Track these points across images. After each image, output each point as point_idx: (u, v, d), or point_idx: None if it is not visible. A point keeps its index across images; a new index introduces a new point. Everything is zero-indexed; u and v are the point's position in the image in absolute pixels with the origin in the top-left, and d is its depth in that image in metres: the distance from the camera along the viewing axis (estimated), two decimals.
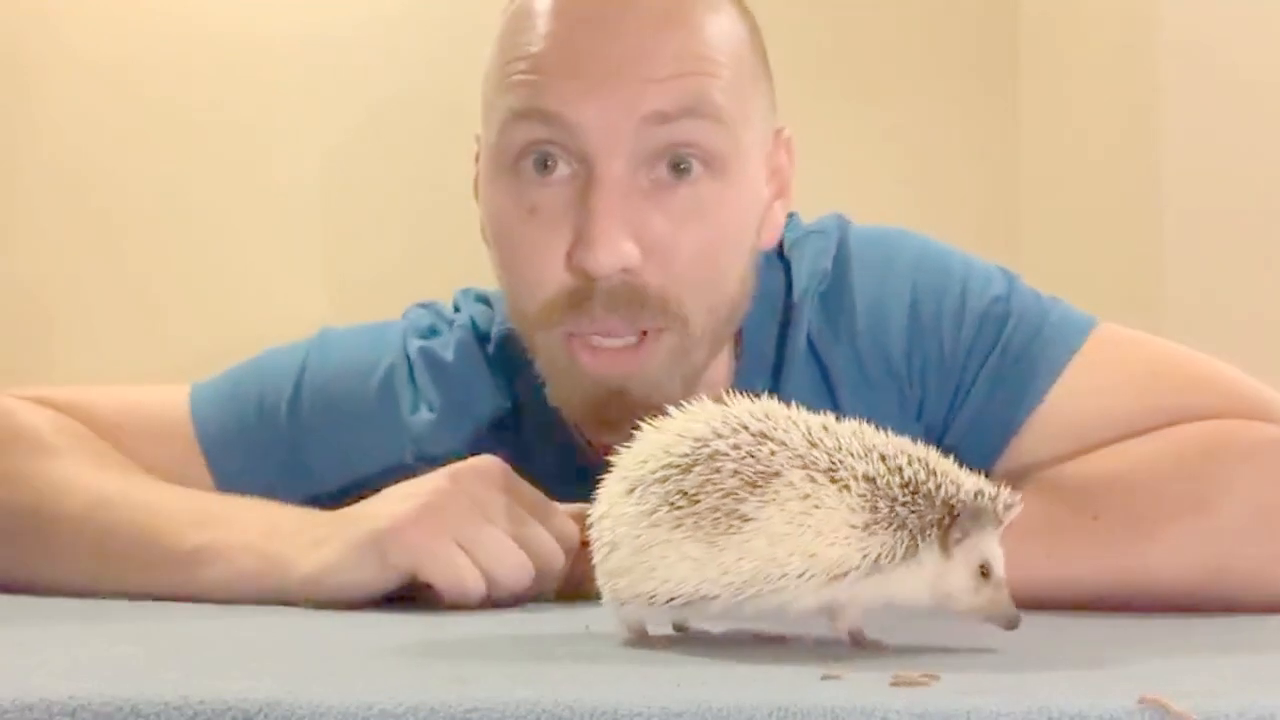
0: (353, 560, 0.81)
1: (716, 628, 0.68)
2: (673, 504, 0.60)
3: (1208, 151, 2.04)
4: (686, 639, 0.67)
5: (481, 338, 1.03)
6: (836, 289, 0.99)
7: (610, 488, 0.64)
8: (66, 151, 2.42)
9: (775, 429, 0.61)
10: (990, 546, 0.61)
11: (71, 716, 0.46)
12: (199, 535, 0.88)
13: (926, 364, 0.96)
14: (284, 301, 2.34)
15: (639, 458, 0.63)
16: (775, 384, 0.97)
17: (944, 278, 0.98)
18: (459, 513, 0.81)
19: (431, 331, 1.05)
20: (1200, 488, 0.84)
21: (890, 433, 0.62)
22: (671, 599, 0.60)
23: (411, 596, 0.82)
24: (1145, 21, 2.11)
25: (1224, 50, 2.04)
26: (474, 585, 0.80)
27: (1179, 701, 0.47)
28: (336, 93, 2.44)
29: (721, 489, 0.59)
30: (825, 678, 0.52)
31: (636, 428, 0.91)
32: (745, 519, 0.59)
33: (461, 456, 0.95)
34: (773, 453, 0.60)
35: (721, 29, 0.92)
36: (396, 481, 0.86)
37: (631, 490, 0.62)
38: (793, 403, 0.64)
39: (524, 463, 0.99)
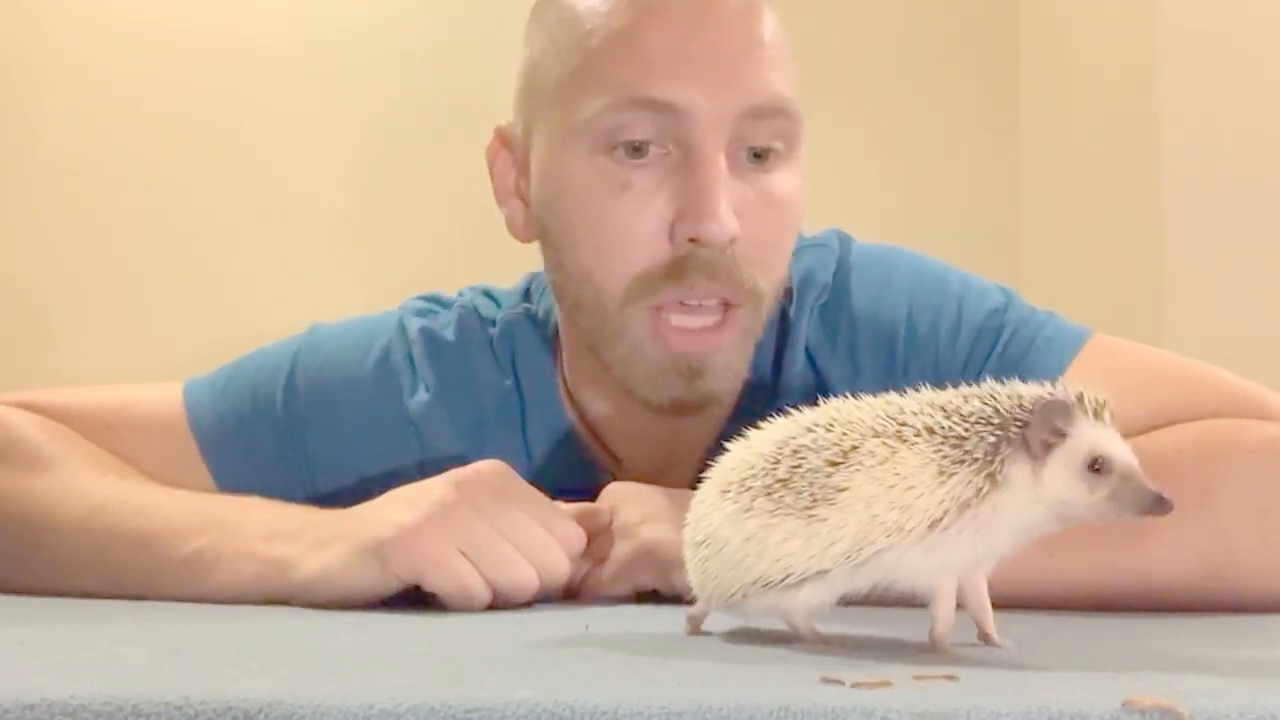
0: (354, 566, 0.81)
1: (718, 627, 0.68)
2: (769, 492, 0.62)
3: (1209, 154, 2.04)
4: (696, 640, 0.67)
5: (484, 321, 1.03)
6: (835, 303, 1.00)
7: (704, 496, 0.66)
8: (65, 155, 2.42)
9: (844, 415, 0.63)
10: (1096, 438, 0.59)
11: (72, 716, 0.46)
12: (197, 540, 0.87)
13: (923, 377, 0.97)
14: (283, 304, 2.34)
15: (728, 467, 0.65)
16: (773, 392, 0.98)
17: (941, 294, 0.99)
18: (463, 521, 0.81)
19: (430, 312, 1.05)
20: (1200, 486, 0.84)
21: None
22: (786, 578, 0.61)
23: (415, 599, 0.82)
24: (1145, 22, 2.11)
25: (1224, 52, 2.04)
26: (479, 594, 0.80)
27: (1176, 701, 0.47)
28: (333, 97, 2.45)
29: (811, 468, 0.61)
30: (825, 680, 0.52)
31: (706, 410, 0.94)
32: (838, 489, 0.60)
33: (464, 446, 0.95)
34: (846, 433, 0.62)
35: (778, 25, 0.96)
36: (400, 480, 0.86)
37: (725, 492, 0.64)
38: (792, 412, 0.66)
39: (525, 453, 0.99)
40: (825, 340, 0.99)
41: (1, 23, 2.41)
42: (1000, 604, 0.65)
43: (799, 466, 0.61)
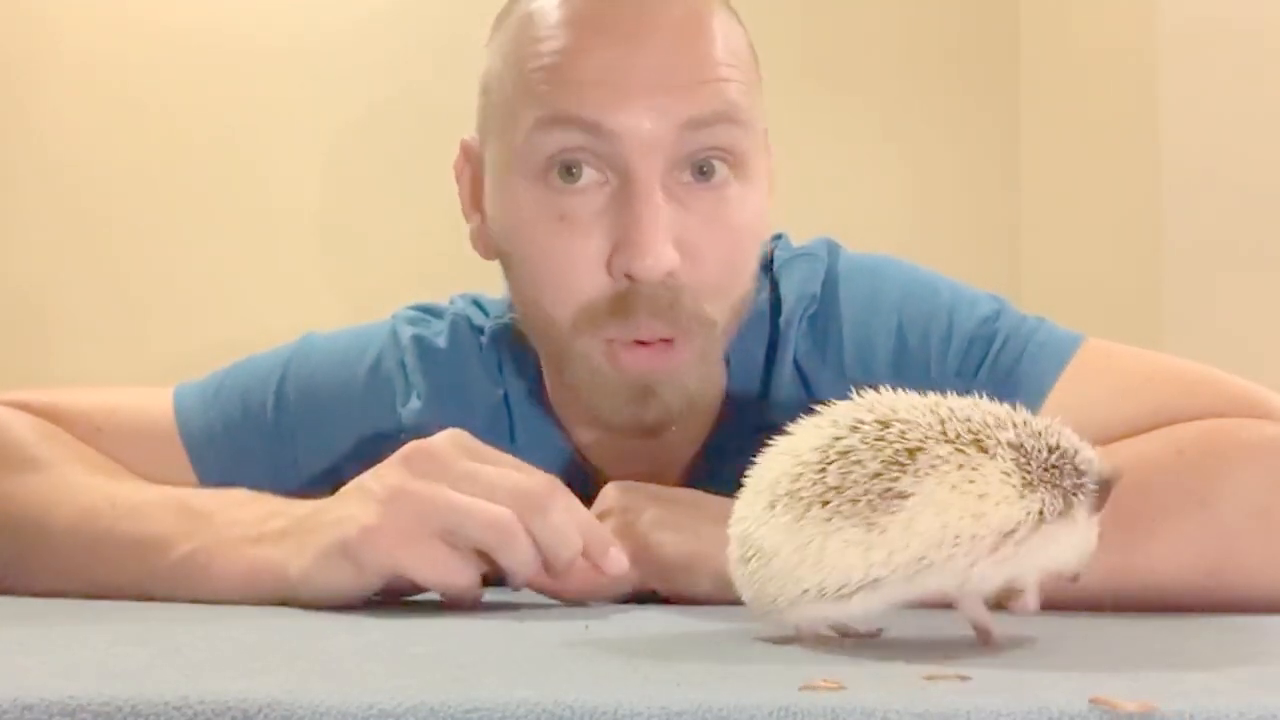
0: (328, 568, 0.79)
1: (718, 627, 0.68)
2: (824, 501, 0.59)
3: (1209, 154, 2.04)
4: (696, 640, 0.67)
5: (474, 330, 1.03)
6: (824, 313, 1.00)
7: (747, 507, 0.63)
8: (64, 155, 2.42)
9: (893, 414, 0.61)
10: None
11: (71, 717, 0.46)
12: (188, 543, 0.86)
13: (914, 387, 0.97)
14: (281, 307, 2.34)
15: (770, 477, 0.62)
16: (762, 403, 0.97)
17: (931, 304, 0.99)
18: (423, 502, 0.76)
19: (422, 321, 1.05)
20: (1200, 486, 0.84)
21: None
22: (841, 588, 0.59)
23: (415, 600, 0.81)
24: (1145, 21, 2.11)
25: (1224, 52, 2.04)
26: (464, 577, 0.77)
27: (1174, 701, 0.46)
28: (328, 98, 2.45)
29: (868, 473, 0.59)
30: (804, 688, 0.52)
31: (666, 430, 0.93)
32: (903, 495, 0.58)
33: None
34: (904, 432, 0.60)
35: (731, 32, 0.94)
36: None
37: (773, 505, 0.61)
38: (780, 423, 0.65)
39: None
40: (814, 351, 0.99)
41: (1, 23, 2.41)
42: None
43: (851, 472, 0.59)
